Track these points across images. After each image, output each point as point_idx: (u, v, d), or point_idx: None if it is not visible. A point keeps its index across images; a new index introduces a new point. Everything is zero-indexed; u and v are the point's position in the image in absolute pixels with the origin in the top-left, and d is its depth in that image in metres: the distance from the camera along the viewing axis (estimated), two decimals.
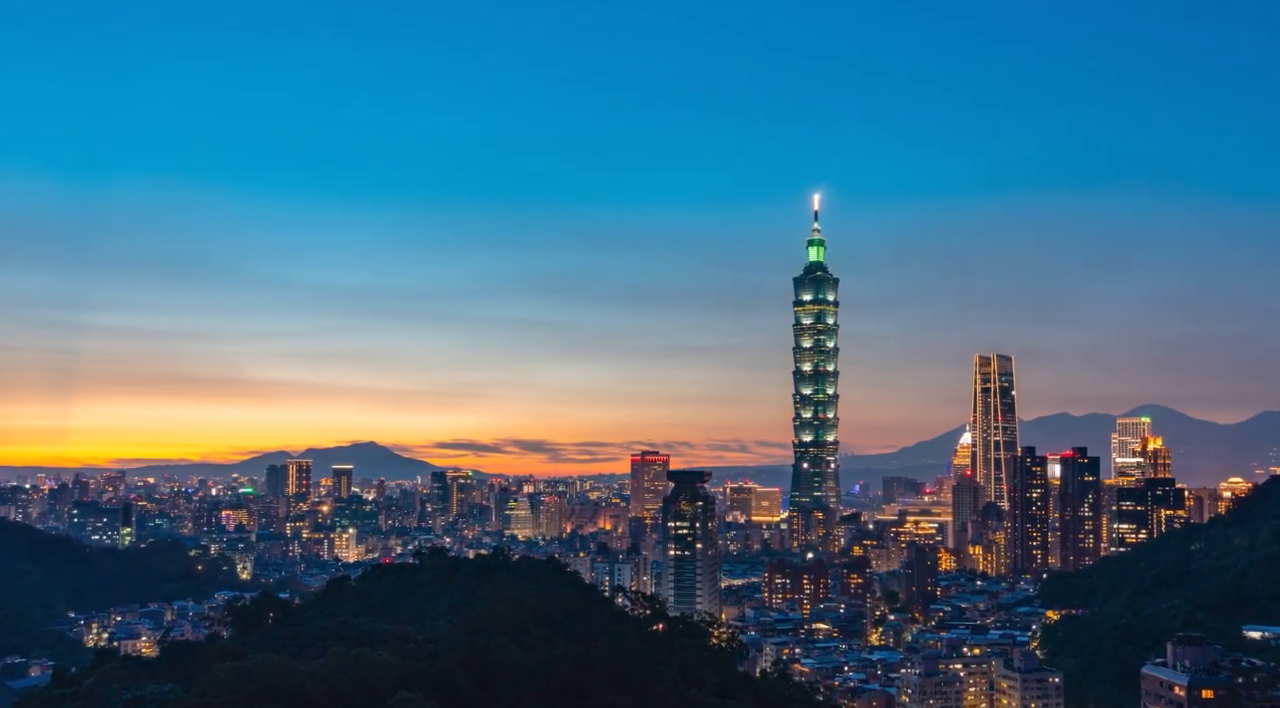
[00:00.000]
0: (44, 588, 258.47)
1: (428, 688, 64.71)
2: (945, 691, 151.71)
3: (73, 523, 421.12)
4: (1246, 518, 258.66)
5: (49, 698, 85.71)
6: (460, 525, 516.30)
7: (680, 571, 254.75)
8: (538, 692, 71.83)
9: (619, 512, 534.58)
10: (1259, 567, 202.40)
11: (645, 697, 75.36)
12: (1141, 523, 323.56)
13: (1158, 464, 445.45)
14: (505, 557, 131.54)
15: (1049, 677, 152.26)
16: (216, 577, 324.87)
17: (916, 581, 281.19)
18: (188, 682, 72.34)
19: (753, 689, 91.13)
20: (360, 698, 61.93)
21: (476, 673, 71.21)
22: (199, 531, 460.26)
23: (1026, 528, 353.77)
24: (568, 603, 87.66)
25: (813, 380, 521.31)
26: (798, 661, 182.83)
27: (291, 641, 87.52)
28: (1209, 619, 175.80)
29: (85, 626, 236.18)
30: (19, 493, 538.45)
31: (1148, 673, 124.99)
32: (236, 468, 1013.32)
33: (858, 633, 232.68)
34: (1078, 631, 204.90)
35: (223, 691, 60.49)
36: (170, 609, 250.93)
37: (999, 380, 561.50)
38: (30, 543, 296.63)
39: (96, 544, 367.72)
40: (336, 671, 64.13)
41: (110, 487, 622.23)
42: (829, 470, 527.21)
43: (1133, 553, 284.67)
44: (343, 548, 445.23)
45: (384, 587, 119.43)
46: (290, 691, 61.22)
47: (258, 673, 62.28)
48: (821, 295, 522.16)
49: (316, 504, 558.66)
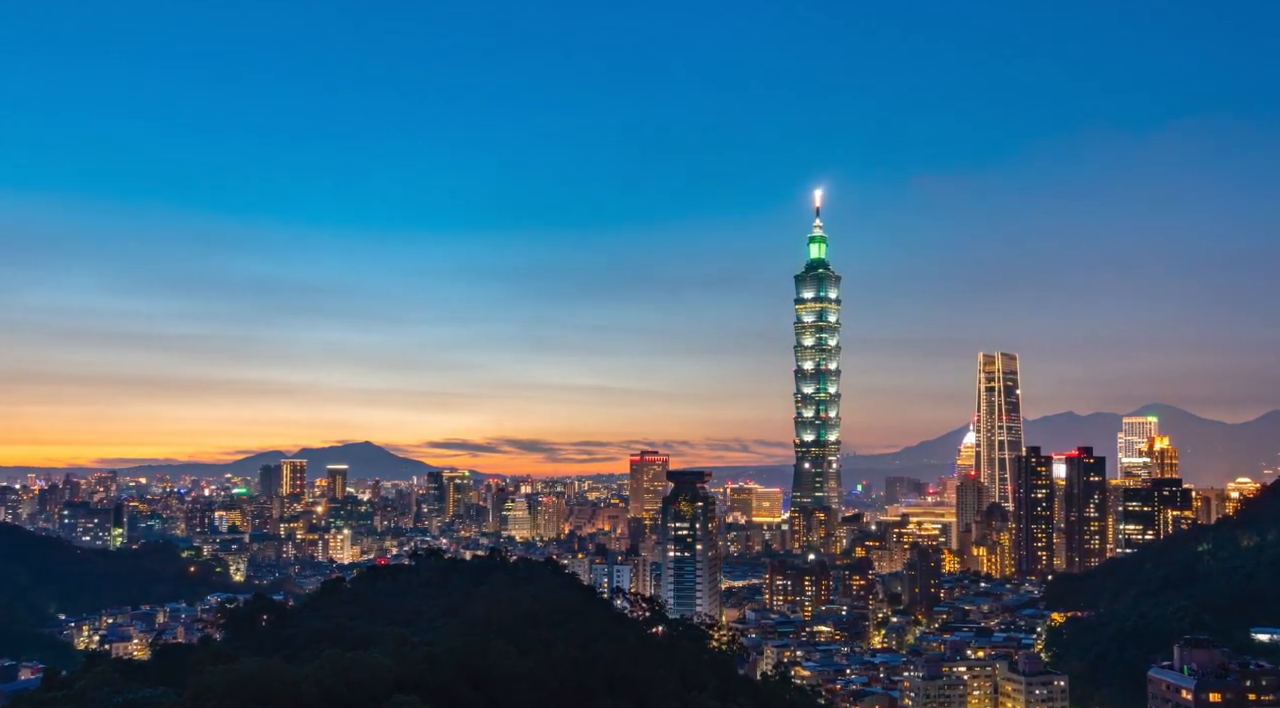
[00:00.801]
0: (34, 590, 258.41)
1: (424, 693, 64.63)
2: (949, 694, 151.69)
3: (63, 524, 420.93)
4: (1254, 519, 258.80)
5: (39, 702, 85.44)
6: (457, 526, 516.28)
7: (680, 572, 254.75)
8: (536, 696, 71.79)
9: (618, 512, 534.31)
10: (1267, 568, 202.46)
11: (645, 701, 75.38)
12: (1148, 524, 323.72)
13: (1164, 464, 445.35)
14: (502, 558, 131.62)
15: (1054, 680, 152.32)
16: (209, 578, 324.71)
17: (919, 582, 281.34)
18: (180, 686, 72.14)
19: (754, 693, 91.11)
20: (355, 703, 61.84)
21: (474, 677, 71.16)
22: (191, 532, 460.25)
23: (1031, 529, 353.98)
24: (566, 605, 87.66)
25: (814, 379, 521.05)
26: (799, 663, 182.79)
27: (285, 643, 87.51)
28: (1216, 622, 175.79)
29: (76, 628, 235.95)
30: (8, 493, 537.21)
31: (1154, 676, 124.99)
32: (229, 468, 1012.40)
33: (860, 635, 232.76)
34: (1083, 633, 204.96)
35: (215, 695, 60.37)
36: (162, 611, 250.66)
37: (1003, 379, 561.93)
38: (20, 544, 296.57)
39: (87, 545, 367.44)
40: (331, 674, 64.04)
41: (101, 487, 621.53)
42: (831, 470, 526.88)
43: (1139, 554, 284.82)
44: (337, 549, 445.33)
45: (379, 589, 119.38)
46: (284, 695, 61.14)
47: (251, 677, 62.20)
48: (823, 293, 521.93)
49: (311, 505, 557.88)
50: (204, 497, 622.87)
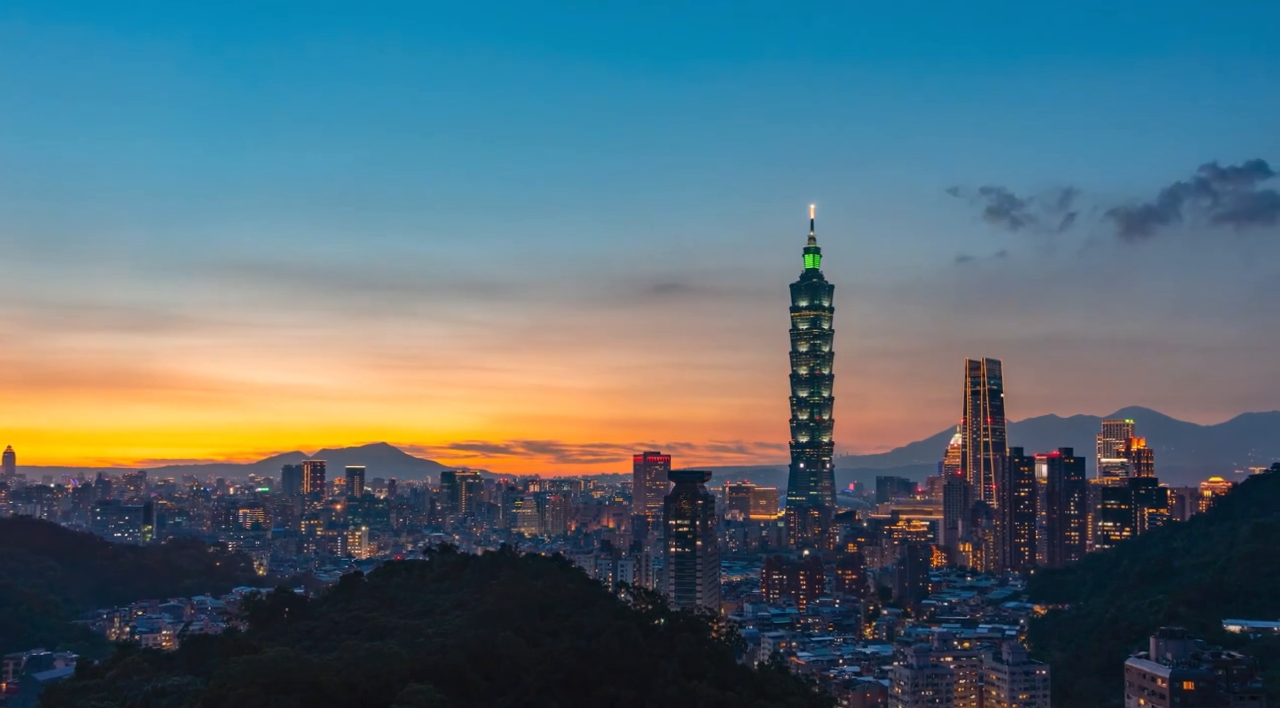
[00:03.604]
0: (68, 584, 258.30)
1: (437, 680, 64.74)
2: (937, 683, 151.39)
3: (96, 521, 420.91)
4: (1226, 516, 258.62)
5: (73, 689, 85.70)
6: (469, 524, 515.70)
7: (681, 567, 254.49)
8: (543, 683, 71.88)
9: (622, 510, 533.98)
10: (1238, 563, 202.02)
11: (647, 688, 75.39)
12: (1125, 521, 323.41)
13: (1141, 464, 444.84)
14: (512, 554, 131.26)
15: (1036, 669, 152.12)
16: (234, 573, 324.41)
17: (909, 577, 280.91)
18: (207, 674, 72.29)
19: (751, 681, 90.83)
20: (372, 689, 61.98)
21: (484, 665, 71.27)
22: (217, 528, 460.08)
23: (1015, 526, 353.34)
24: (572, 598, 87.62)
25: (809, 384, 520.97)
26: (794, 654, 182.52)
27: (306, 634, 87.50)
28: (1190, 614, 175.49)
29: (108, 620, 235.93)
30: (44, 492, 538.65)
31: (1131, 665, 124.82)
32: (253, 468, 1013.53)
33: (852, 628, 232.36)
34: (1064, 625, 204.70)
35: (240, 683, 60.57)
36: (190, 604, 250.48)
37: (988, 383, 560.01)
38: (55, 540, 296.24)
39: (119, 541, 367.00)
40: (349, 663, 64.21)
41: (132, 486, 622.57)
42: (825, 470, 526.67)
43: (1117, 550, 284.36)
44: (355, 545, 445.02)
45: (395, 583, 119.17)
46: (305, 682, 61.31)
47: (274, 666, 62.38)
48: (817, 301, 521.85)
49: (330, 503, 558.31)
50: (229, 496, 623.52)
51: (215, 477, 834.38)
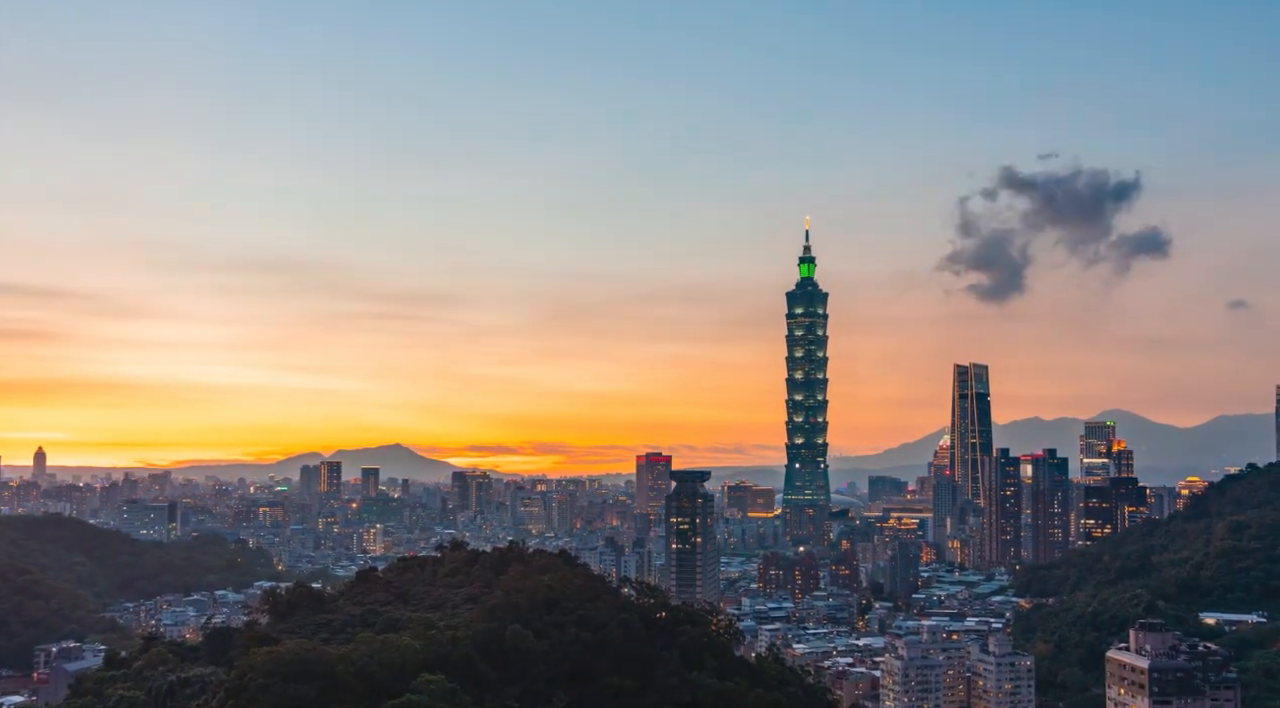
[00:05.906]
0: (97, 578, 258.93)
1: (449, 670, 64.81)
2: (926, 674, 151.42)
3: (123, 519, 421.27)
4: (1203, 514, 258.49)
5: (101, 680, 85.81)
6: (479, 522, 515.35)
7: (682, 563, 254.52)
8: (550, 674, 71.94)
9: (625, 509, 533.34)
10: (1214, 559, 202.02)
11: (649, 678, 75.44)
12: (1107, 519, 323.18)
13: (1121, 465, 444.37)
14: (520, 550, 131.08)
15: (1021, 661, 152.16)
16: (254, 568, 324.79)
17: (900, 573, 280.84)
18: (228, 665, 72.39)
19: (749, 672, 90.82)
20: (386, 679, 62.05)
21: (493, 657, 71.30)
22: (238, 526, 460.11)
23: (1001, 524, 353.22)
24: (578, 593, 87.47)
25: (804, 387, 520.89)
26: (790, 646, 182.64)
27: (324, 627, 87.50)
28: (1168, 607, 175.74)
29: (134, 613, 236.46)
30: (74, 491, 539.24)
31: (1112, 656, 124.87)
32: (273, 468, 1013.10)
33: (846, 621, 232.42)
34: (1048, 618, 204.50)
35: (260, 673, 60.66)
36: (212, 598, 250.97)
37: (975, 387, 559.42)
38: (85, 537, 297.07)
39: (145, 538, 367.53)
40: (365, 654, 64.27)
41: (157, 486, 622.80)
42: (819, 471, 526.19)
43: (1098, 546, 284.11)
44: (370, 542, 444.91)
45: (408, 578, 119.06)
46: (322, 673, 61.40)
47: (292, 657, 62.48)
48: (812, 309, 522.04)
49: (346, 501, 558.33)
50: (250, 495, 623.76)
51: (237, 477, 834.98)
